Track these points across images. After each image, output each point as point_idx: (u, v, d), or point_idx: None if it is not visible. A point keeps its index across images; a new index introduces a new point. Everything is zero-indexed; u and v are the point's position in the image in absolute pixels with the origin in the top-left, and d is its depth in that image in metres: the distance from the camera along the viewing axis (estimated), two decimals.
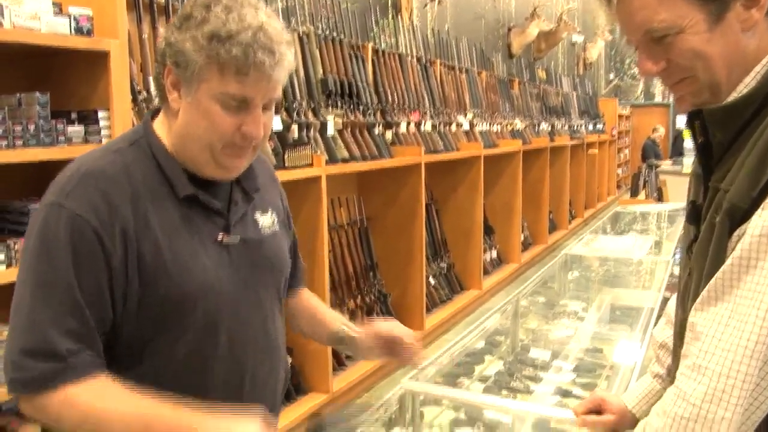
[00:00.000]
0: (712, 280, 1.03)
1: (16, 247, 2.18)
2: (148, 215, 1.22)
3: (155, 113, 1.33)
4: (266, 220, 1.41)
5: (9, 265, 2.19)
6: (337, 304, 4.43)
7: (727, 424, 0.97)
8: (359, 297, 4.67)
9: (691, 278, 1.14)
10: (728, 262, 1.01)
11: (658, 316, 2.42)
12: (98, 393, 1.17)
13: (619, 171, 14.81)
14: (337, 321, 1.59)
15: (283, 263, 1.46)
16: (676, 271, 3.21)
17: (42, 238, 1.18)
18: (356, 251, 4.73)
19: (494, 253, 6.91)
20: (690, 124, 1.13)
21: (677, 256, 3.49)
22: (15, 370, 1.16)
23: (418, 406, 1.69)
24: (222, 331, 1.28)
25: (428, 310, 5.24)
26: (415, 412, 1.69)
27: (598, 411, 1.54)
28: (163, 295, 1.21)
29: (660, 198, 7.86)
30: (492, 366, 2.39)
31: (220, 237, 1.29)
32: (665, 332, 1.47)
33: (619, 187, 14.49)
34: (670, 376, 1.33)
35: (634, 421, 1.49)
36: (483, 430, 1.90)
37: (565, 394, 2.22)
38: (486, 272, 6.44)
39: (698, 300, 1.05)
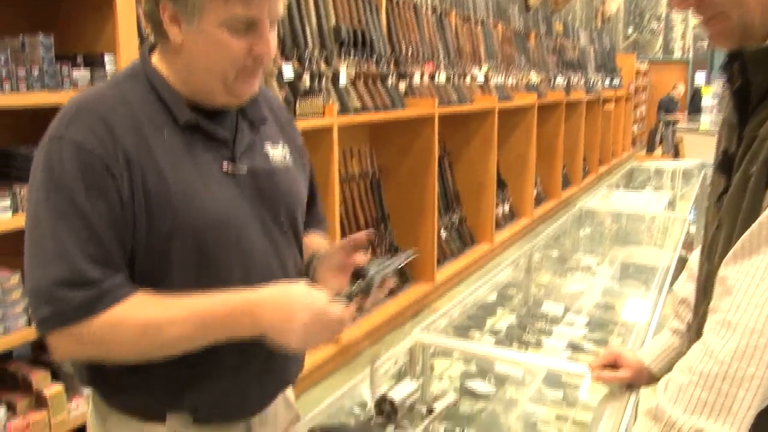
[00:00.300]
0: (747, 233, 0.97)
1: (22, 193, 2.15)
2: (151, 144, 1.17)
3: (152, 49, 1.28)
4: (277, 153, 1.34)
5: (15, 212, 2.16)
6: None
7: (757, 382, 0.93)
8: (370, 249, 4.62)
9: (719, 231, 1.08)
10: (765, 213, 0.96)
11: (675, 275, 2.38)
12: (144, 306, 1.14)
13: (635, 127, 14.64)
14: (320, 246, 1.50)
15: (297, 198, 1.38)
16: (692, 229, 3.16)
17: (49, 173, 1.13)
18: (367, 203, 4.70)
19: (506, 207, 6.88)
20: (728, 66, 1.07)
21: (693, 215, 3.43)
22: (51, 303, 1.10)
23: (428, 358, 1.66)
24: (234, 264, 1.22)
25: (439, 263, 5.23)
26: (426, 364, 1.66)
27: (613, 366, 1.50)
28: (169, 228, 1.16)
29: (676, 155, 7.75)
30: (504, 319, 2.35)
31: (225, 166, 1.23)
32: (686, 287, 1.42)
33: (634, 143, 14.35)
34: (690, 331, 1.28)
35: (651, 377, 1.45)
36: (494, 382, 1.87)
37: (577, 348, 2.19)
38: (498, 226, 6.40)
39: (730, 253, 0.99)
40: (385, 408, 1.19)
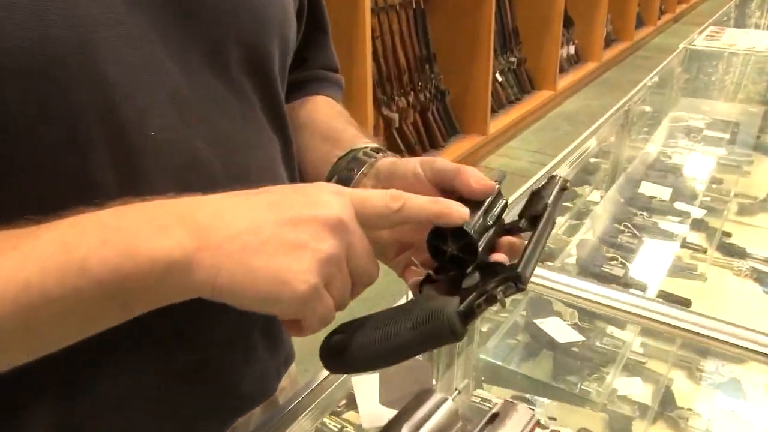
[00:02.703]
0: None
1: None
2: None
3: None
4: None
5: None
6: (384, 102, 3.83)
7: None
8: (412, 94, 4.07)
9: None
10: None
11: None
12: None
13: None
14: (351, 139, 0.76)
15: (267, 15, 0.65)
16: None
17: None
18: (409, 39, 4.07)
19: (572, 49, 6.06)
20: None
21: None
22: None
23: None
24: (100, 151, 0.52)
25: (493, 111, 4.64)
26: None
27: None
28: None
29: None
30: (590, 197, 1.69)
31: None
32: None
33: None
34: None
35: None
36: (578, 319, 1.22)
37: (696, 253, 1.53)
38: (562, 70, 5.64)
39: None
40: None
